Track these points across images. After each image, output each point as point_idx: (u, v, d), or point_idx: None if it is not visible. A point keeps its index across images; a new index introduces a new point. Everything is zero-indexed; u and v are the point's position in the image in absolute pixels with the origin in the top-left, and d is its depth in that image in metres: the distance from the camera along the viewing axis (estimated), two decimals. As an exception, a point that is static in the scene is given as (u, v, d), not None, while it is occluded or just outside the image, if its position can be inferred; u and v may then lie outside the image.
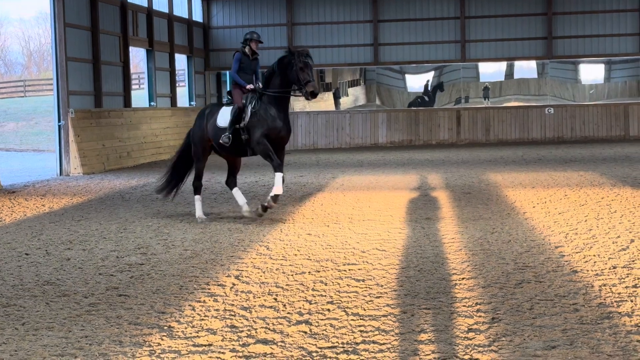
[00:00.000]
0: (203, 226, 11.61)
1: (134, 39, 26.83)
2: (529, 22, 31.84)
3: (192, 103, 31.53)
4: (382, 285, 7.49)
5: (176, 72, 30.45)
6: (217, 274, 8.24)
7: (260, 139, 11.92)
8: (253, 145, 12.04)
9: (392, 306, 6.70)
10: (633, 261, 8.25)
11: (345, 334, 5.92)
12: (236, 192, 12.65)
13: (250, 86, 12.27)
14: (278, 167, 11.82)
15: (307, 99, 12.08)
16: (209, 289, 7.55)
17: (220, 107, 12.80)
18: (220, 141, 12.17)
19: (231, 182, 12.89)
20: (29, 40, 79.02)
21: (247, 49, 12.57)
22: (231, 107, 12.36)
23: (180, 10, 30.93)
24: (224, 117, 12.37)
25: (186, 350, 5.65)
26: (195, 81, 31.89)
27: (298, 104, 36.50)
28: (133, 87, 28.61)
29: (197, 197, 12.48)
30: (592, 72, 35.50)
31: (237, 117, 12.12)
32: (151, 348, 5.70)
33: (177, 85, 30.42)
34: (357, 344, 5.69)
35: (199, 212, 12.33)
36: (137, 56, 30.03)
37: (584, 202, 13.11)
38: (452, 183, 16.71)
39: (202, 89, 32.57)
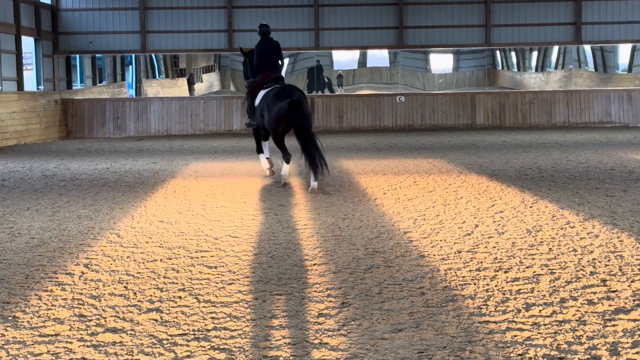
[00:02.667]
0: (51, 213, 11.31)
1: (-22, 19, 25.79)
2: (381, 11, 32.41)
3: (40, 87, 30.59)
4: (234, 272, 7.50)
5: (23, 55, 29.44)
6: (66, 262, 8.05)
7: None
8: None
9: (244, 292, 6.72)
10: (477, 245, 8.55)
11: (197, 321, 5.91)
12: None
13: None
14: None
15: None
16: (57, 277, 7.37)
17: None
18: None
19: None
20: None
21: None
22: None
23: (28, -9, 29.91)
24: None
25: (32, 340, 5.50)
26: (44, 65, 30.94)
27: (151, 89, 36.00)
28: (-23, 69, 27.52)
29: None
30: (441, 62, 36.51)
31: None
32: (-6, 340, 5.52)
33: (24, 68, 29.42)
34: (208, 330, 5.68)
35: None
36: (-19, 38, 28.86)
37: (432, 188, 13.48)
38: (305, 170, 16.85)
39: (50, 72, 31.62)
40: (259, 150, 15.47)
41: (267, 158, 15.43)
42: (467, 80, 36.55)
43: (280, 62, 14.48)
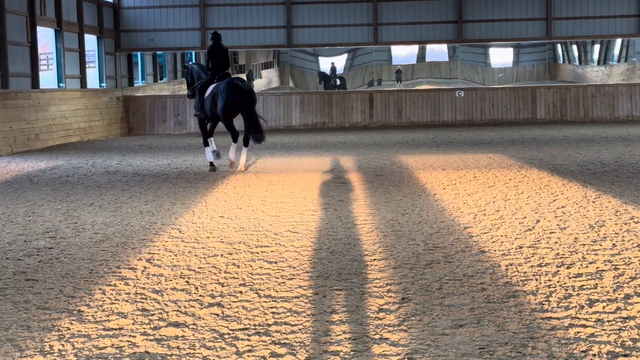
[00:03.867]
0: (114, 209, 11.48)
1: (42, 18, 26.25)
2: (440, 5, 32.22)
3: (102, 85, 31.03)
4: (294, 267, 7.53)
5: (86, 53, 29.90)
6: (128, 257, 8.16)
7: None
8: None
9: (304, 288, 6.75)
10: (538, 241, 8.46)
11: (257, 316, 5.94)
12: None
13: None
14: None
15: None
16: (120, 272, 7.48)
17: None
18: None
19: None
20: None
21: None
22: None
23: (90, -10, 30.36)
24: None
25: (96, 334, 5.59)
26: (106, 62, 31.39)
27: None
28: (41, 68, 27.98)
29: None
30: (501, 56, 36.19)
31: None
32: (60, 332, 5.62)
33: (86, 66, 29.89)
34: (269, 325, 5.71)
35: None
36: (45, 36, 29.35)
37: (492, 183, 13.37)
38: (364, 165, 16.85)
39: (112, 70, 32.08)
40: (205, 143, 17.29)
41: (213, 151, 17.05)
42: (527, 74, 36.17)
43: (228, 63, 16.98)
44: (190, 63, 18.17)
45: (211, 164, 16.90)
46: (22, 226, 10.22)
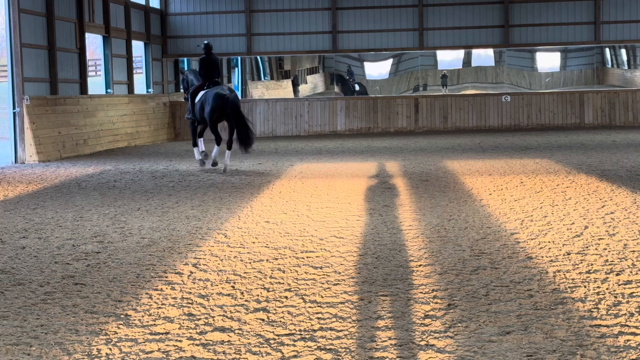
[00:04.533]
0: (160, 214, 11.56)
1: (90, 25, 26.55)
2: (487, 10, 32.01)
3: (149, 90, 31.30)
4: (339, 273, 7.52)
5: (133, 59, 30.17)
6: (175, 262, 8.21)
7: None
8: None
9: (349, 293, 6.73)
10: (587, 247, 8.36)
11: (303, 321, 5.94)
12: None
13: None
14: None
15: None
16: (166, 277, 7.52)
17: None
18: None
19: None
20: (-17, 26, 77.68)
21: None
22: None
23: (137, -3, 30.64)
24: None
25: (143, 338, 5.63)
26: (153, 68, 31.65)
27: (256, 91, 36.43)
28: (89, 74, 28.31)
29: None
30: (548, 61, 35.84)
31: None
32: (107, 337, 5.67)
33: (134, 72, 30.15)
34: (314, 330, 5.71)
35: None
36: (94, 43, 29.68)
37: (539, 189, 13.24)
38: (410, 170, 16.79)
39: (159, 76, 32.33)
40: (195, 144, 18.91)
41: (202, 151, 18.56)
42: (575, 78, 35.78)
43: (219, 72, 18.45)
44: (185, 69, 19.41)
45: (200, 161, 18.46)
46: (70, 230, 10.33)
